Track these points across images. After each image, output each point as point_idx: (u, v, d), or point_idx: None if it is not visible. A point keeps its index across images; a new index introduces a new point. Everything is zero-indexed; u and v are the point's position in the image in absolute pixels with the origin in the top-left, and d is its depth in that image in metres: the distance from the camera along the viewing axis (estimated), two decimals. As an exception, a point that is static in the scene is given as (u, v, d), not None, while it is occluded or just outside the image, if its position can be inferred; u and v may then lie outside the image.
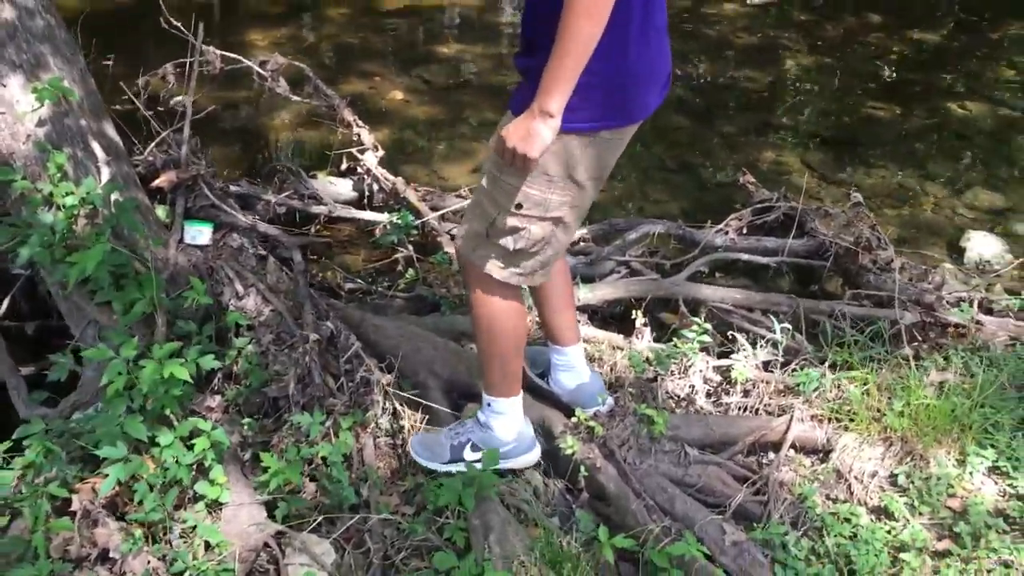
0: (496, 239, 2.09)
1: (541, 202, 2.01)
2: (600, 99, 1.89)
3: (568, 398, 2.59)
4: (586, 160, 1.97)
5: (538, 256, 2.12)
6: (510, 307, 2.23)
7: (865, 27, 6.60)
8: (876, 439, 2.53)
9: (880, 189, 4.44)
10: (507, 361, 2.28)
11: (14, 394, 2.65)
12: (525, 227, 2.05)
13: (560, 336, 2.52)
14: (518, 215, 2.03)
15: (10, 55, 2.49)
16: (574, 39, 1.71)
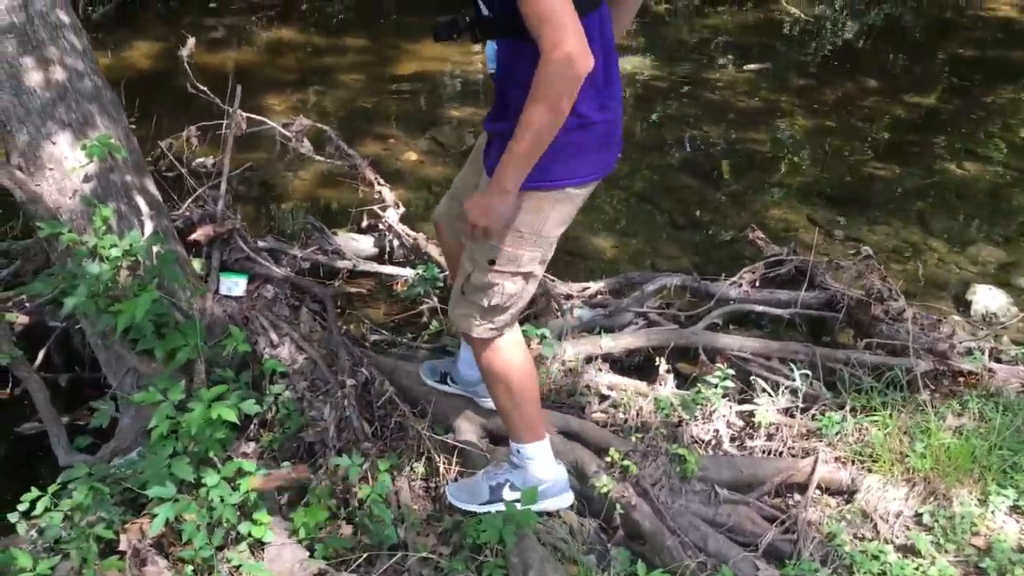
0: (470, 296, 2.21)
1: (514, 258, 2.13)
2: (571, 159, 2.03)
3: (472, 390, 2.77)
4: (555, 215, 2.11)
5: (510, 310, 2.24)
6: (516, 360, 2.34)
7: (862, 91, 6.81)
8: (900, 480, 2.60)
9: (885, 245, 4.56)
10: (527, 408, 2.37)
11: (55, 441, 2.71)
12: (499, 283, 2.17)
13: None
14: (491, 271, 2.15)
15: (60, 114, 2.61)
16: (537, 128, 1.85)
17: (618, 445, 2.62)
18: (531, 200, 2.05)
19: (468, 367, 2.75)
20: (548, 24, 1.77)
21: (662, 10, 8.87)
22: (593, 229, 4.63)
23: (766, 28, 8.47)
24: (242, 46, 7.24)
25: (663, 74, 7.02)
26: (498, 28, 1.99)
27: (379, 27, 7.93)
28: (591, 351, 3.16)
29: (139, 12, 7.69)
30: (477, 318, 2.23)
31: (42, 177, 2.60)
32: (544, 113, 1.83)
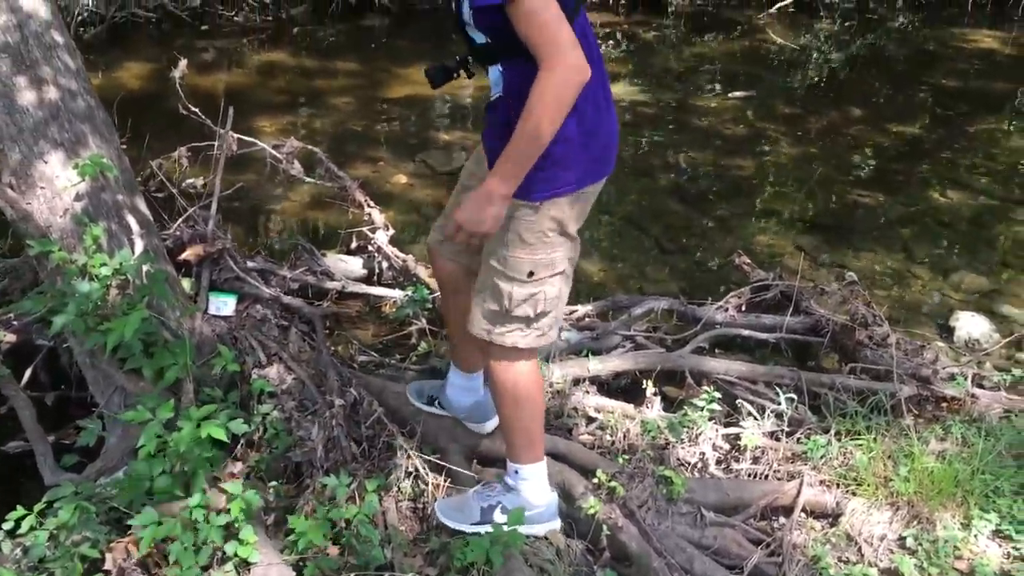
0: (516, 311, 2.23)
1: (549, 263, 2.20)
2: (582, 160, 2.14)
3: (465, 414, 2.78)
4: (574, 215, 2.20)
5: (552, 312, 2.28)
6: (531, 375, 2.36)
7: (846, 120, 6.90)
8: (884, 503, 2.63)
9: (869, 271, 4.60)
10: (532, 428, 2.38)
11: (41, 460, 2.70)
12: (540, 290, 2.21)
13: (472, 363, 2.70)
14: (531, 282, 2.20)
15: (53, 133, 2.62)
16: (536, 138, 1.93)
17: (605, 467, 2.63)
18: (559, 204, 2.15)
19: (458, 393, 2.76)
20: (543, 37, 1.86)
21: (650, 38, 8.98)
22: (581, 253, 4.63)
23: (752, 57, 8.58)
24: (233, 68, 7.28)
25: (651, 100, 7.10)
26: (502, 52, 2.04)
27: (370, 51, 7.99)
28: (579, 373, 3.18)
29: (131, 34, 7.73)
30: (525, 329, 2.27)
31: (33, 195, 2.61)
32: (546, 124, 1.91)
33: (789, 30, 9.47)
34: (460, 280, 2.54)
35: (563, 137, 2.03)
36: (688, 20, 9.60)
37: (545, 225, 2.15)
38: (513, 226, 2.15)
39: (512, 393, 2.35)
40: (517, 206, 2.12)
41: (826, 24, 9.75)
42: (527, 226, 2.15)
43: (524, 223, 2.15)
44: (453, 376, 2.76)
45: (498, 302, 2.23)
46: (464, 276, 2.51)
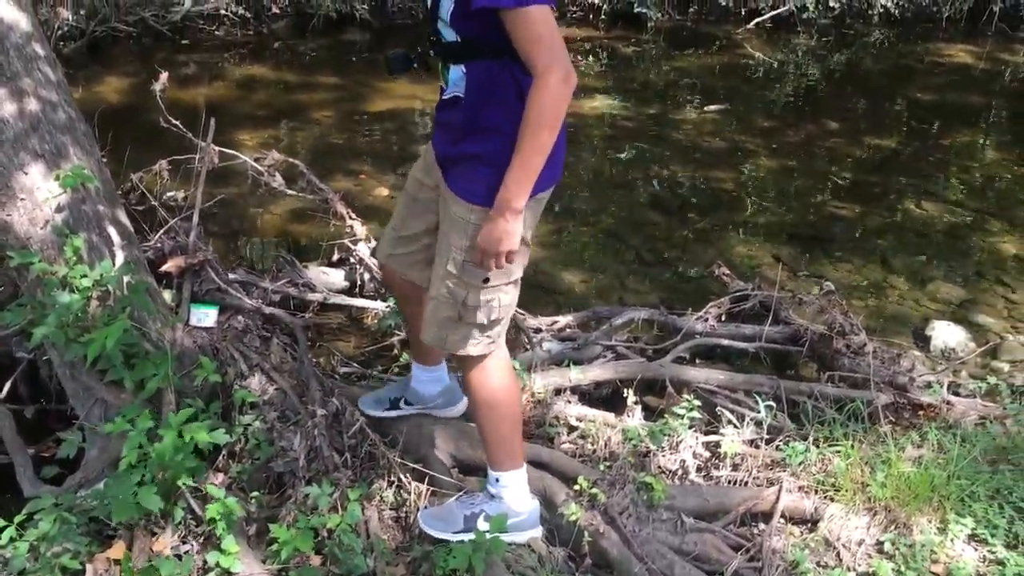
0: (469, 318, 2.25)
1: (506, 270, 2.19)
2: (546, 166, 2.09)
3: (435, 402, 2.83)
4: (530, 221, 2.21)
5: (503, 320, 2.30)
6: (506, 383, 2.39)
7: (824, 133, 6.98)
8: (861, 509, 2.66)
9: (846, 281, 4.65)
10: (510, 435, 2.40)
11: (20, 472, 2.68)
12: (494, 297, 2.23)
13: (431, 357, 2.75)
14: (487, 288, 2.21)
15: (33, 145, 2.62)
16: (542, 147, 1.97)
17: (586, 474, 2.64)
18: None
19: (423, 385, 2.80)
20: (541, 46, 1.90)
21: (630, 52, 9.06)
22: (562, 264, 4.69)
23: (731, 71, 8.67)
24: (214, 82, 7.29)
25: (631, 114, 7.15)
26: (469, 51, 2.06)
27: (351, 65, 8.02)
28: (560, 383, 3.20)
29: (111, 48, 7.72)
30: (476, 335, 2.28)
31: (13, 207, 2.60)
32: (548, 133, 1.96)
33: (767, 45, 9.57)
34: (413, 292, 2.55)
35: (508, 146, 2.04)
36: (667, 35, 9.68)
37: None
38: (471, 232, 2.15)
39: (488, 401, 2.37)
40: (475, 211, 2.14)
41: (803, 39, 9.87)
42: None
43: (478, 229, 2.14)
44: (417, 371, 2.80)
45: (453, 308, 2.24)
46: (416, 289, 2.53)
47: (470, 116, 2.10)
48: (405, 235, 2.47)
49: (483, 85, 2.05)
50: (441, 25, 2.06)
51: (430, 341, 2.34)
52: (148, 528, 2.39)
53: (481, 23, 1.96)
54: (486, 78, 2.03)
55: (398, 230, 2.50)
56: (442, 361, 2.78)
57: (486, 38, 1.98)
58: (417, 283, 2.50)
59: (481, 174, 2.11)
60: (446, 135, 2.21)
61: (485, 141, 2.10)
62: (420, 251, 2.45)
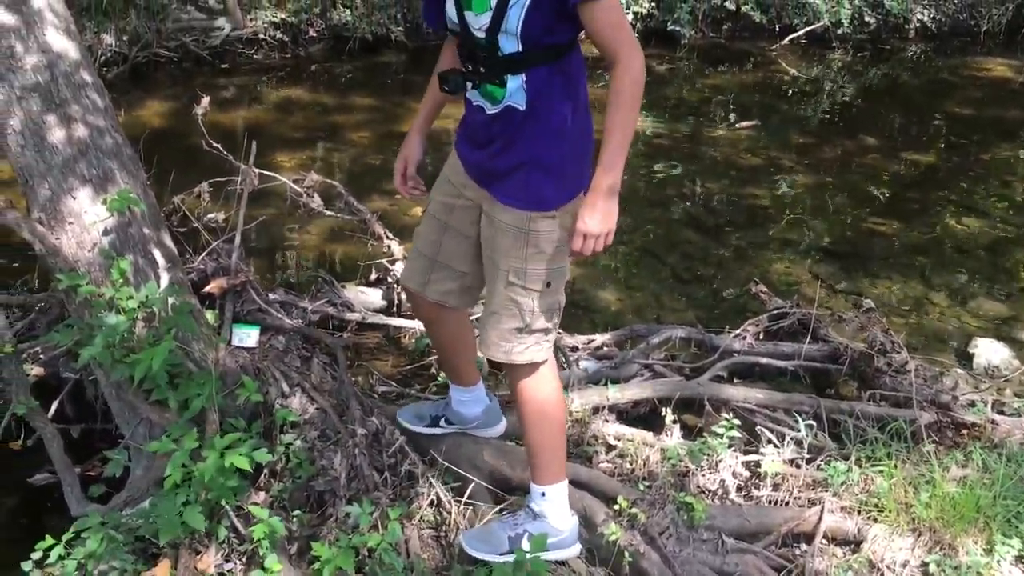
0: (536, 325, 2.26)
1: (562, 272, 2.27)
2: (583, 163, 2.22)
3: (477, 422, 2.82)
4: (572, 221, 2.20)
5: (556, 316, 2.33)
6: (556, 393, 2.41)
7: (861, 149, 6.93)
8: (905, 529, 2.62)
9: (886, 299, 4.61)
10: (558, 445, 2.42)
11: (68, 491, 2.73)
12: (555, 298, 2.28)
13: (467, 377, 2.74)
14: (549, 292, 2.25)
15: (81, 170, 2.68)
16: (631, 127, 2.07)
17: (626, 494, 2.64)
18: (567, 212, 2.19)
19: (463, 407, 2.80)
20: (623, 32, 2.03)
21: (663, 71, 9.06)
22: (599, 283, 4.69)
23: (766, 88, 8.65)
24: (253, 105, 7.40)
25: (665, 132, 7.16)
26: (530, 59, 2.08)
27: (386, 87, 8.11)
28: (598, 402, 3.20)
29: (152, 73, 7.87)
30: (540, 341, 2.30)
31: (62, 230, 2.66)
32: (635, 117, 2.06)
33: (802, 61, 9.54)
34: (442, 315, 2.56)
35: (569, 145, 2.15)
36: (701, 53, 9.68)
37: (561, 234, 2.20)
38: (532, 239, 2.18)
39: (539, 410, 2.38)
40: (534, 219, 2.17)
41: (839, 55, 9.82)
42: (546, 237, 2.18)
43: (543, 235, 2.18)
44: (455, 393, 2.79)
45: (519, 319, 2.25)
46: (445, 312, 2.54)
47: (531, 123, 2.13)
48: (441, 261, 2.45)
49: (544, 91, 2.09)
50: (502, 38, 2.06)
51: (494, 356, 2.33)
52: (192, 547, 2.42)
53: (561, 26, 2.03)
54: (547, 83, 2.08)
55: (430, 257, 2.46)
56: (478, 380, 2.79)
57: (555, 42, 2.05)
58: (450, 306, 2.51)
59: (539, 180, 2.16)
60: (491, 149, 2.21)
61: (546, 146, 2.14)
62: (457, 278, 2.46)
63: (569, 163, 2.18)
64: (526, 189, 2.17)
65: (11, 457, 3.16)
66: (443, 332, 2.64)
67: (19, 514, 3.03)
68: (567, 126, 2.13)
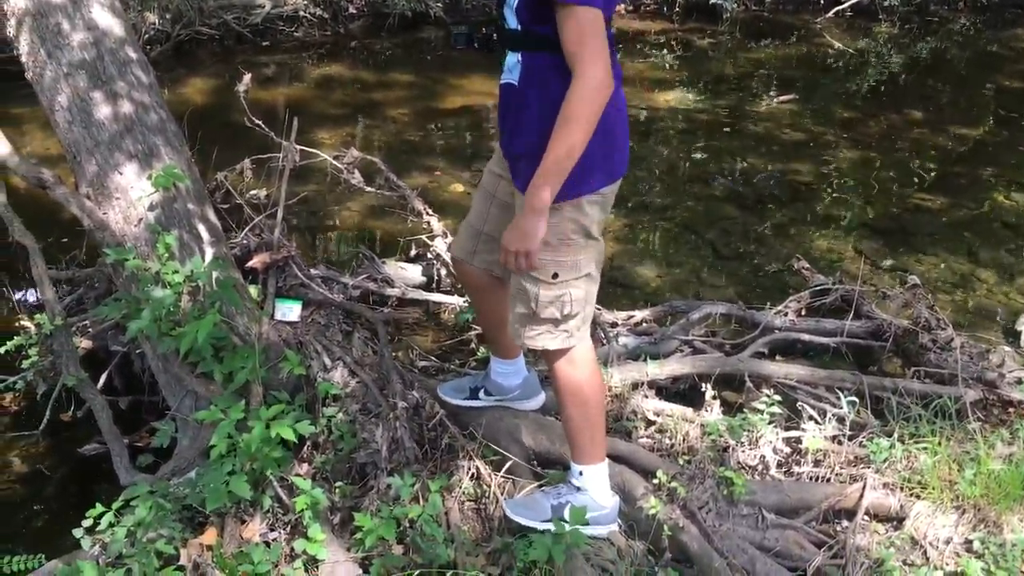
0: (543, 313, 2.27)
1: (573, 265, 2.23)
2: (600, 164, 2.17)
3: (515, 393, 2.84)
4: (596, 216, 2.23)
5: (580, 315, 2.31)
6: (591, 375, 2.40)
7: (907, 123, 6.81)
8: (949, 507, 2.59)
9: (932, 275, 4.54)
10: (595, 428, 2.42)
11: (117, 460, 2.79)
12: (565, 292, 2.25)
13: (509, 350, 2.76)
14: (556, 284, 2.24)
15: (127, 146, 2.72)
16: (571, 146, 2.00)
17: (666, 468, 2.64)
18: (575, 208, 2.18)
19: (502, 378, 2.83)
20: (587, 48, 1.95)
21: (705, 45, 8.96)
22: (638, 259, 4.67)
23: (809, 61, 8.52)
24: (293, 82, 7.45)
25: (706, 107, 7.08)
26: (527, 41, 2.10)
27: (425, 63, 8.11)
28: (637, 377, 3.19)
29: (195, 50, 7.94)
30: (553, 331, 2.31)
31: (109, 206, 2.71)
32: (580, 133, 1.99)
33: (847, 34, 9.37)
34: (487, 283, 2.60)
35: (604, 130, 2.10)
36: (743, 26, 9.55)
37: (567, 227, 2.19)
38: None
39: (573, 393, 2.39)
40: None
41: (885, 27, 9.63)
42: (549, 228, 2.14)
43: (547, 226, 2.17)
44: (496, 365, 2.82)
45: (526, 304, 2.28)
46: (491, 280, 2.58)
47: (518, 107, 2.15)
48: (487, 232, 2.50)
49: (540, 79, 2.08)
50: (507, 11, 2.11)
51: (511, 335, 2.39)
52: (238, 516, 2.47)
53: (543, 15, 2.00)
54: (536, 70, 2.07)
55: (478, 227, 2.53)
56: (519, 354, 2.81)
57: (547, 33, 2.02)
58: (496, 275, 2.54)
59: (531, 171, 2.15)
60: (504, 127, 2.26)
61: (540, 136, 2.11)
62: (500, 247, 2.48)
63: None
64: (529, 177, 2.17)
65: (62, 428, 3.25)
66: (488, 303, 2.66)
67: (70, 483, 3.10)
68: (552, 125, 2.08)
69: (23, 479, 3.11)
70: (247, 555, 2.29)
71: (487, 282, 2.59)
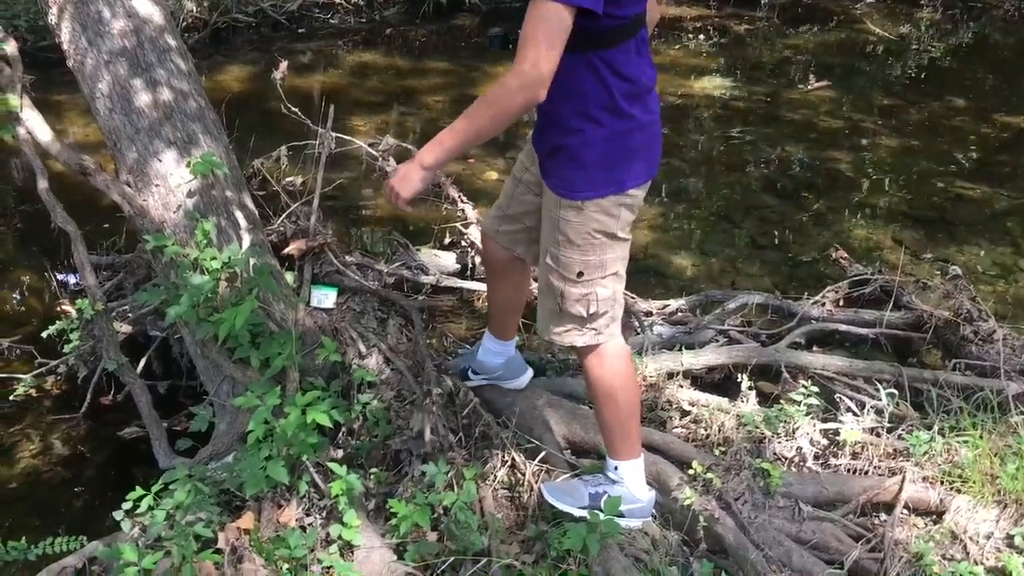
0: (570, 310, 2.28)
1: (599, 264, 2.24)
2: (624, 165, 2.16)
3: (498, 373, 2.89)
4: (624, 217, 2.22)
5: (608, 313, 2.31)
6: (622, 371, 2.39)
7: (949, 111, 6.69)
8: (990, 501, 2.56)
9: (973, 266, 4.46)
10: (628, 424, 2.41)
11: (156, 444, 2.83)
12: (591, 291, 2.26)
13: (506, 332, 2.83)
14: (582, 282, 2.25)
15: (167, 133, 2.74)
16: (478, 129, 2.02)
17: (701, 459, 2.63)
18: (603, 206, 2.18)
19: (489, 356, 2.87)
20: (533, 44, 1.89)
21: (742, 31, 8.85)
22: (673, 248, 4.64)
23: (849, 48, 8.38)
24: (329, 69, 7.46)
25: (743, 94, 7.00)
26: None
27: (460, 50, 8.09)
28: (672, 367, 3.18)
29: (232, 38, 7.99)
30: (581, 328, 2.31)
31: (149, 192, 2.74)
32: (488, 121, 1.99)
33: (888, 20, 9.21)
34: (507, 265, 2.65)
35: (608, 139, 2.10)
36: (782, 12, 9.41)
37: (591, 226, 2.19)
38: (560, 226, 2.21)
39: (605, 389, 2.38)
40: (562, 206, 2.19)
41: (927, 13, 9.45)
42: (573, 227, 2.19)
43: (570, 224, 2.20)
44: (487, 341, 2.87)
45: (552, 301, 2.30)
46: (511, 263, 2.63)
47: (550, 108, 2.12)
48: (510, 214, 2.54)
49: (558, 74, 2.00)
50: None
51: (540, 331, 2.41)
52: (275, 500, 2.50)
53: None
54: (563, 69, 1.98)
55: (504, 209, 2.57)
56: (513, 337, 2.88)
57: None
58: (519, 255, 2.59)
59: (566, 166, 2.17)
60: (534, 130, 2.28)
61: (564, 135, 2.14)
62: (523, 231, 2.53)
63: (589, 154, 2.13)
64: (557, 174, 2.20)
65: (102, 412, 3.30)
66: (503, 285, 2.72)
67: (109, 466, 3.16)
68: (587, 123, 2.10)
69: (64, 461, 3.17)
70: (284, 540, 2.31)
71: (508, 261, 2.63)
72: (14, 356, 3.56)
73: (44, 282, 4.00)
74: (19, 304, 4.06)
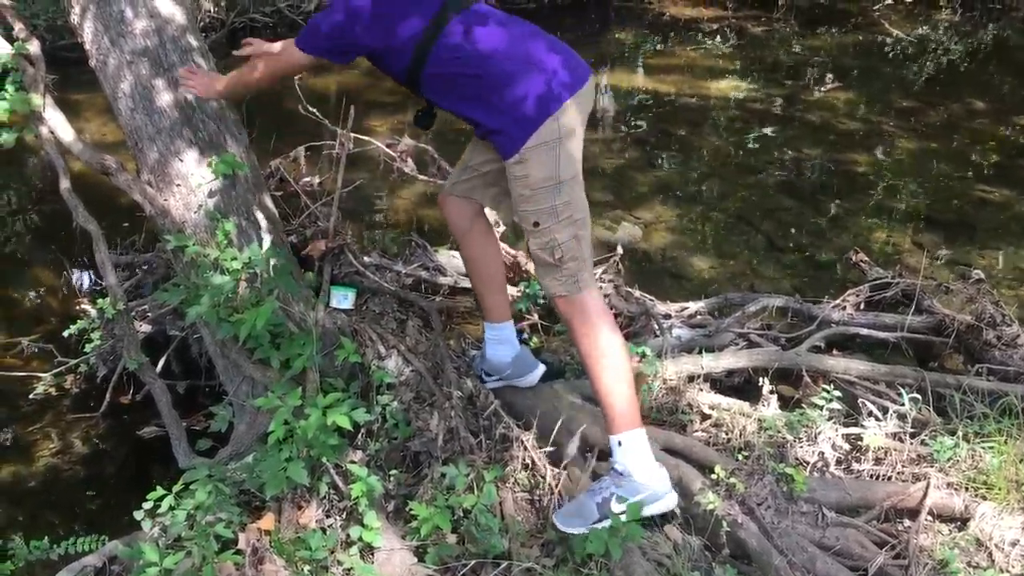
0: (543, 259, 2.46)
1: (551, 211, 2.42)
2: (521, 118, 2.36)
3: (509, 371, 2.92)
4: (563, 156, 2.39)
5: (576, 257, 2.46)
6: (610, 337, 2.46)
7: (968, 113, 6.64)
8: (1016, 508, 2.53)
9: (996, 269, 4.43)
10: (621, 389, 2.43)
11: (176, 444, 2.83)
12: (550, 237, 2.43)
13: (497, 313, 2.90)
14: (540, 231, 2.44)
15: (188, 134, 2.74)
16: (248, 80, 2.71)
17: (723, 463, 2.61)
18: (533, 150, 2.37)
19: (495, 349, 2.91)
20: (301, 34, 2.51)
21: (759, 32, 8.82)
22: (691, 250, 4.62)
23: (867, 50, 8.34)
24: (345, 70, 7.45)
25: (760, 96, 6.98)
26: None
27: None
28: (692, 370, 3.16)
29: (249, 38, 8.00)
30: (555, 275, 2.47)
31: (170, 192, 2.74)
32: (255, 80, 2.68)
33: (906, 21, 9.16)
34: (473, 224, 2.80)
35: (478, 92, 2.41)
36: (799, 13, 9.38)
37: (535, 174, 2.38)
38: (512, 185, 2.43)
39: (597, 357, 2.44)
40: (507, 166, 2.42)
41: (946, 15, 9.39)
42: (521, 181, 2.40)
43: (518, 179, 2.41)
44: (487, 333, 2.92)
45: (531, 255, 2.51)
46: (476, 220, 2.79)
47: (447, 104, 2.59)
48: (471, 164, 2.74)
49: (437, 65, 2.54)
50: None
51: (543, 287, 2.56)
52: (295, 501, 2.49)
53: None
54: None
55: (465, 162, 2.78)
56: (508, 318, 2.91)
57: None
58: (479, 200, 2.76)
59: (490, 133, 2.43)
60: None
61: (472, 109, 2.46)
62: (478, 177, 2.72)
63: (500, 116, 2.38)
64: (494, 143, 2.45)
65: (121, 411, 3.30)
66: (482, 253, 2.83)
67: (129, 465, 3.16)
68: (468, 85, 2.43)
69: (84, 460, 3.17)
70: (304, 541, 2.30)
71: (472, 217, 2.78)
72: (33, 354, 3.58)
73: (62, 281, 4.01)
74: (38, 303, 4.08)
